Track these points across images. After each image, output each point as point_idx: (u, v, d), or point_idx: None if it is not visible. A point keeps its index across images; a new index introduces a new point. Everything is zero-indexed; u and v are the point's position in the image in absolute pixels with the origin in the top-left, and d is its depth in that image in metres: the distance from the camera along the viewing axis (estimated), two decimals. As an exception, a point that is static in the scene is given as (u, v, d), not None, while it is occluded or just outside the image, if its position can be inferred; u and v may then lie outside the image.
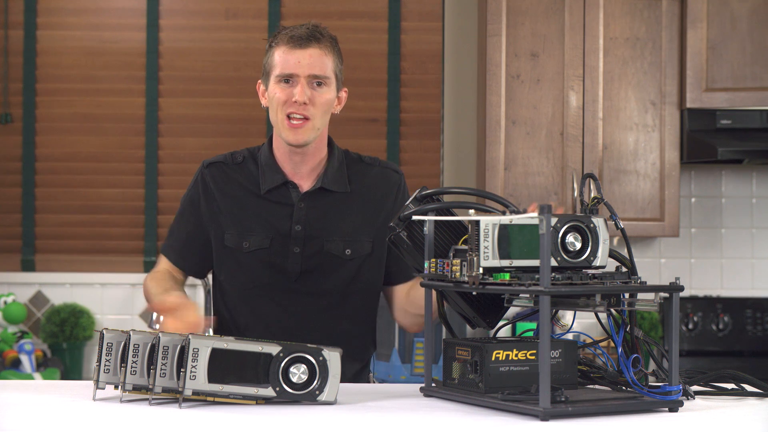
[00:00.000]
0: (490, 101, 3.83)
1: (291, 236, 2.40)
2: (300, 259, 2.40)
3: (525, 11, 3.84)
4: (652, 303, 1.82)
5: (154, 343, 1.82)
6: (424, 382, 2.01)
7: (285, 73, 2.34)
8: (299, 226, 2.40)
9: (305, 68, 2.33)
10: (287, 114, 2.34)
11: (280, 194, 2.41)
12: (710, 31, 3.80)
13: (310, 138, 2.36)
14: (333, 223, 2.42)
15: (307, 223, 2.40)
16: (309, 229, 2.40)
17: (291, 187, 2.42)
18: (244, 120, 4.24)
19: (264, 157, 2.45)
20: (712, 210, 4.24)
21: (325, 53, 2.35)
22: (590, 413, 1.76)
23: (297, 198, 2.41)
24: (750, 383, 2.04)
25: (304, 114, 2.33)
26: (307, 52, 2.33)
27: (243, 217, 2.42)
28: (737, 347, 4.13)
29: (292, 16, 4.23)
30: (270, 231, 2.40)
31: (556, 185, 3.83)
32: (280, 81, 2.35)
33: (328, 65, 2.36)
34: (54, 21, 4.26)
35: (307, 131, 2.35)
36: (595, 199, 1.90)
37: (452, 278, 1.87)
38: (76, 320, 4.09)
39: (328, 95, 2.36)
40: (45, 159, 4.25)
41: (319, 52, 2.34)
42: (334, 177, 2.43)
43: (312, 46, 2.34)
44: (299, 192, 2.42)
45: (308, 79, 2.33)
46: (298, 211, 2.40)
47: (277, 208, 2.40)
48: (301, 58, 2.33)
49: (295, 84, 2.33)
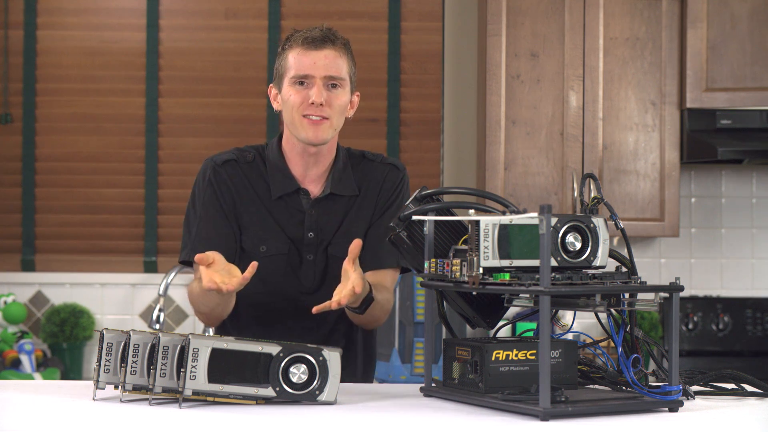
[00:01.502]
0: (490, 101, 3.83)
1: (304, 243, 2.37)
2: (313, 266, 2.38)
3: (525, 11, 3.83)
4: (652, 303, 1.83)
5: (154, 343, 1.82)
6: (424, 382, 2.01)
7: (300, 74, 2.30)
8: (312, 233, 2.38)
9: (321, 69, 2.30)
10: (303, 115, 2.31)
11: (291, 200, 2.38)
12: (710, 31, 3.79)
13: (328, 136, 2.34)
14: (343, 228, 2.39)
15: (319, 229, 2.38)
16: (321, 235, 2.38)
17: (303, 194, 2.39)
18: (244, 120, 4.24)
19: (273, 159, 2.40)
20: (712, 210, 4.24)
21: (339, 55, 2.32)
22: (590, 413, 1.76)
23: (308, 205, 2.39)
24: (750, 383, 2.04)
25: (321, 115, 2.30)
26: (322, 53, 2.30)
27: (258, 220, 2.38)
28: (737, 347, 4.13)
29: (292, 16, 4.23)
30: (286, 237, 2.37)
31: (556, 185, 3.83)
32: (295, 83, 2.31)
33: (343, 67, 2.33)
34: (54, 21, 4.25)
35: (326, 129, 2.32)
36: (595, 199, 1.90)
37: (452, 278, 1.87)
38: (76, 320, 4.08)
39: (343, 97, 2.34)
40: (45, 159, 4.25)
41: (334, 54, 2.31)
42: (341, 180, 2.40)
43: (327, 48, 2.31)
44: (309, 198, 2.39)
45: (324, 80, 2.30)
46: (309, 218, 2.38)
47: (290, 215, 2.38)
48: (317, 60, 2.30)
49: (311, 86, 2.30)
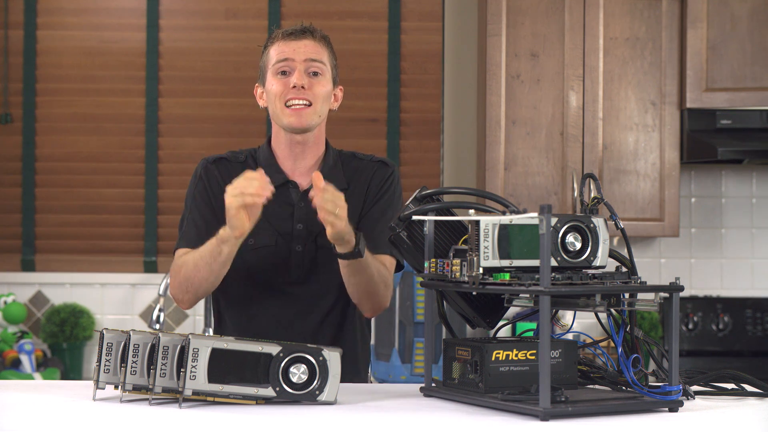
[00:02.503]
0: (490, 101, 3.83)
1: (293, 235, 2.41)
2: (302, 257, 2.41)
3: (525, 11, 3.83)
4: (652, 303, 1.82)
5: (154, 343, 1.82)
6: (424, 382, 2.01)
7: (281, 59, 2.38)
8: (301, 225, 2.41)
9: (301, 54, 2.38)
10: (286, 102, 2.37)
11: (281, 194, 2.41)
12: (710, 31, 3.79)
13: (312, 122, 2.39)
14: None
15: (308, 221, 2.41)
16: (310, 227, 2.41)
17: (291, 186, 2.44)
18: (244, 120, 4.24)
19: (264, 157, 2.46)
20: (712, 210, 4.24)
21: (319, 45, 2.42)
22: (590, 413, 1.76)
23: (297, 197, 2.43)
24: (750, 383, 2.04)
25: (304, 98, 2.36)
26: (302, 42, 2.40)
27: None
28: (737, 347, 4.13)
29: (292, 16, 4.23)
30: (274, 230, 2.41)
31: (556, 185, 3.83)
32: (277, 73, 2.39)
33: (324, 54, 2.41)
34: (54, 21, 4.25)
35: (310, 115, 2.38)
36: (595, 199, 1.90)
37: (452, 278, 1.87)
38: (76, 320, 4.08)
39: (326, 85, 2.41)
40: (45, 159, 4.25)
41: (313, 43, 2.41)
42: (330, 174, 2.43)
43: (307, 38, 2.41)
44: (299, 191, 2.43)
45: (305, 65, 2.38)
46: (298, 210, 2.42)
47: (279, 208, 2.41)
48: (297, 47, 2.39)
49: (292, 73, 2.37)
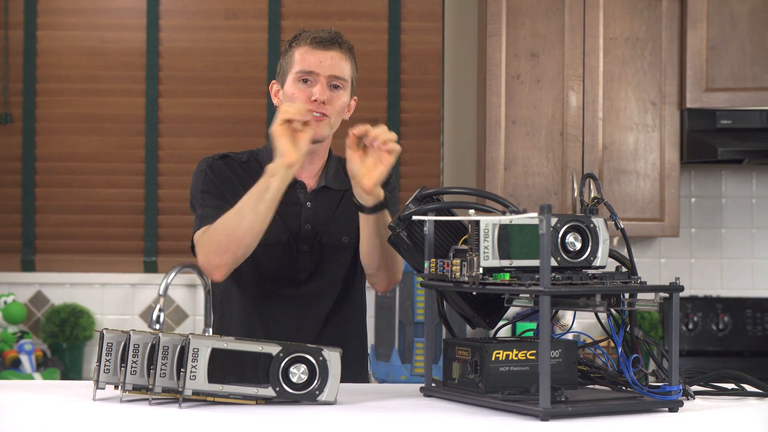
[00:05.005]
0: (490, 101, 3.83)
1: (301, 235, 2.43)
2: (309, 256, 2.43)
3: (525, 11, 3.83)
4: (652, 303, 1.82)
5: (154, 343, 1.82)
6: (424, 382, 2.01)
7: (306, 70, 2.37)
8: (309, 225, 2.44)
9: (326, 69, 2.37)
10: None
11: (289, 194, 2.40)
12: (710, 31, 3.79)
13: (326, 134, 2.41)
14: (336, 218, 2.46)
15: (315, 221, 2.44)
16: (317, 227, 2.44)
17: (299, 187, 2.45)
18: (244, 120, 4.24)
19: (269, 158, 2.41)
20: (712, 210, 4.24)
21: (344, 57, 2.41)
22: (590, 413, 1.76)
23: (305, 197, 2.45)
24: (750, 383, 2.04)
25: (322, 111, 2.37)
26: (329, 53, 2.38)
27: None
28: (737, 347, 4.13)
29: (292, 16, 4.23)
30: (284, 226, 2.42)
31: (556, 185, 3.83)
32: (299, 80, 2.38)
33: (347, 69, 2.41)
34: (54, 21, 4.25)
35: (324, 127, 2.39)
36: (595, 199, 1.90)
37: (452, 278, 1.87)
38: (76, 320, 4.08)
39: (344, 98, 2.41)
40: (45, 159, 4.24)
41: (339, 56, 2.39)
42: (334, 176, 2.49)
43: (334, 49, 2.39)
44: (306, 191, 2.46)
45: (328, 79, 2.38)
46: (306, 211, 2.44)
47: (287, 208, 2.40)
48: (323, 59, 2.38)
49: (314, 84, 2.37)
